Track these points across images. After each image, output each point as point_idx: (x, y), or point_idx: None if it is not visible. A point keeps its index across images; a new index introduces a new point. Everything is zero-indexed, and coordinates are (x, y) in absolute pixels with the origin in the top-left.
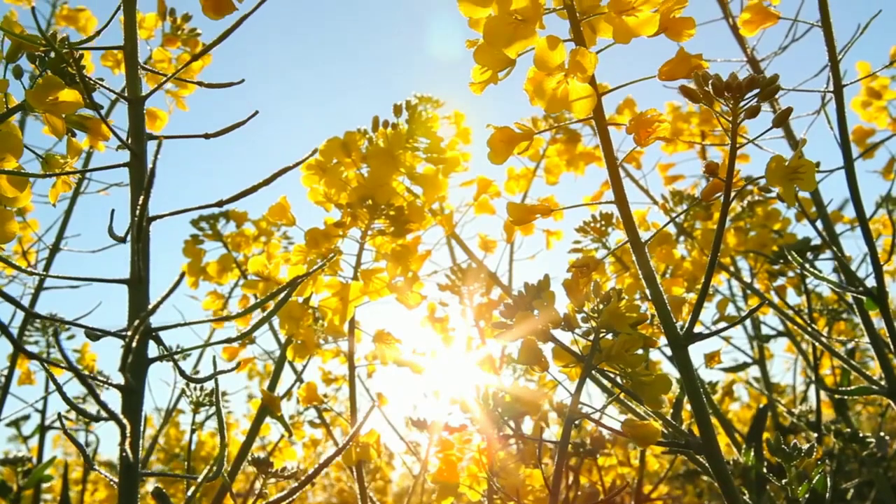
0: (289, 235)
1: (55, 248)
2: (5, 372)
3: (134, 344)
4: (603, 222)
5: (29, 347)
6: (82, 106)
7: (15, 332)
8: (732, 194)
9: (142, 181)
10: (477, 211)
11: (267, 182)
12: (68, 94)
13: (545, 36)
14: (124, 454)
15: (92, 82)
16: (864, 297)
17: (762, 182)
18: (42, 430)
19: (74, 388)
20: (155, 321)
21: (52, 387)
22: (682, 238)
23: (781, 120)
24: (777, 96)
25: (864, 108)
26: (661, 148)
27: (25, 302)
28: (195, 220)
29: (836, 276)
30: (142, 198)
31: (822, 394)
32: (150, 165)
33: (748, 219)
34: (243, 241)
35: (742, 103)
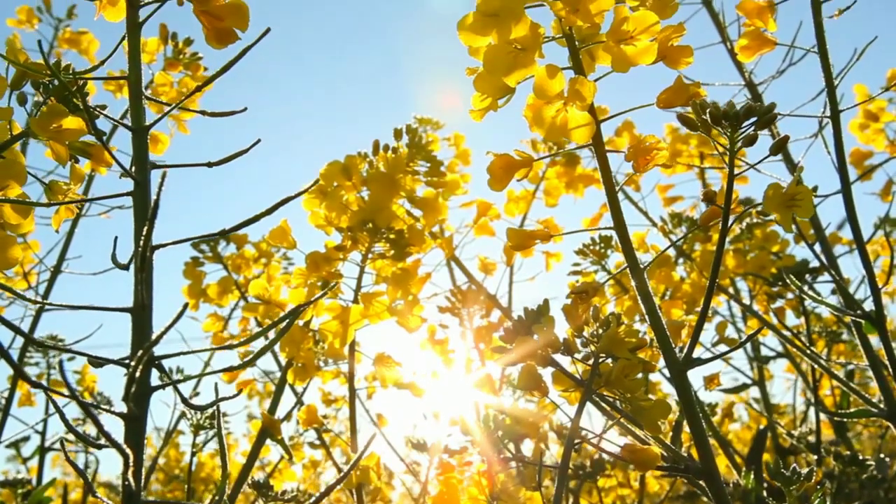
0: (289, 256)
1: (56, 271)
2: (6, 394)
3: (137, 374)
4: (602, 245)
5: (29, 369)
6: (86, 133)
7: (16, 353)
8: (731, 220)
9: (145, 209)
10: (477, 233)
11: (269, 212)
12: (72, 122)
13: (544, 65)
14: (127, 483)
15: (95, 111)
16: (862, 321)
17: (760, 208)
18: (42, 451)
19: (75, 410)
20: (156, 346)
21: (52, 408)
22: (681, 260)
23: (779, 148)
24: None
25: (861, 131)
26: (660, 170)
27: (27, 323)
28: (195, 242)
29: (836, 299)
30: (146, 228)
31: (822, 414)
32: (153, 197)
33: (747, 241)
34: (243, 263)
35: (740, 131)
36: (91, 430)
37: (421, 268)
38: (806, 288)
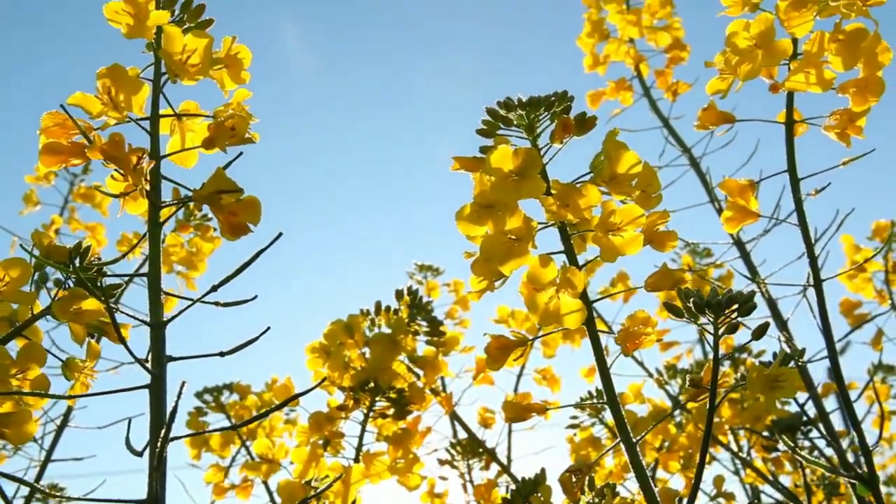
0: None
1: (63, 424)
2: None
3: None
4: (599, 399)
5: None
6: (103, 314)
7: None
8: (719, 398)
9: (160, 401)
10: (476, 384)
11: (280, 407)
12: (90, 304)
13: (538, 255)
14: None
15: (117, 310)
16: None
17: (747, 373)
18: None
19: None
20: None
21: None
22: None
23: (760, 334)
24: (763, 279)
25: (850, 280)
26: (657, 313)
27: (32, 473)
28: (199, 392)
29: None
30: (163, 431)
31: None
32: (171, 403)
33: (742, 391)
34: (246, 414)
35: (724, 316)
36: None
37: (421, 423)
38: (801, 439)
